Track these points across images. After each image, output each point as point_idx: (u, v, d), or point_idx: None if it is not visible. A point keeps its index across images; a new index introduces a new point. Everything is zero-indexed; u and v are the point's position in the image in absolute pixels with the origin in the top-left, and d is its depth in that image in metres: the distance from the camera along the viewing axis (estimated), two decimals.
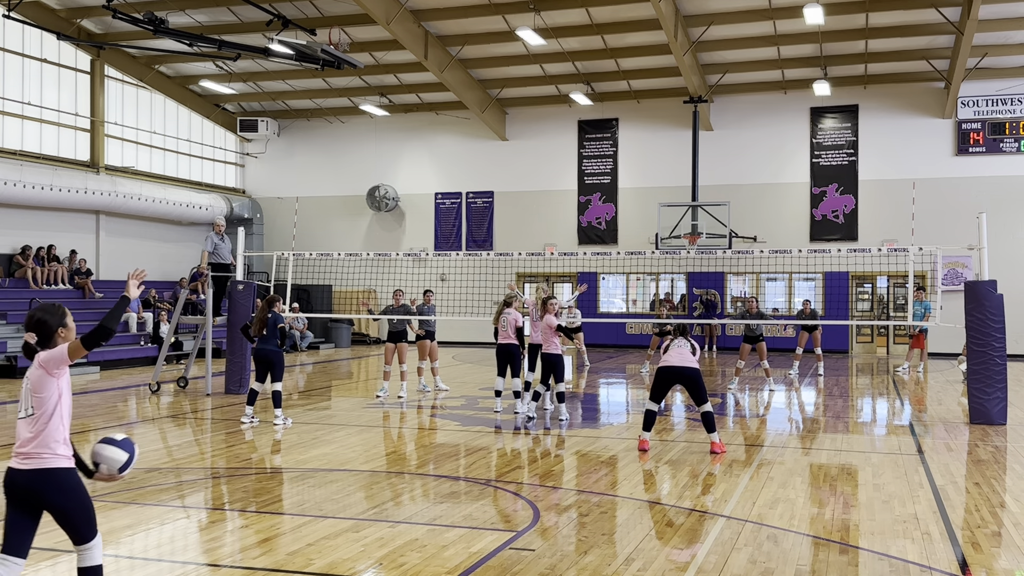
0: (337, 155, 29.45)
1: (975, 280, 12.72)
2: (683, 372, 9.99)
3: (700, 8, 21.07)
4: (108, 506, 7.48)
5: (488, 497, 7.95)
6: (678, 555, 6.21)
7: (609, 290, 26.43)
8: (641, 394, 16.18)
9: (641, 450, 10.04)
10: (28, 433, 4.41)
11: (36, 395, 4.49)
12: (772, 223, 25.25)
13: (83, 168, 23.87)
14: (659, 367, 10.13)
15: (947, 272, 23.56)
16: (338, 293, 27.67)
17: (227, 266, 16.42)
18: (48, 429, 4.43)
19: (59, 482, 4.40)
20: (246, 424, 11.74)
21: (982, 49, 21.98)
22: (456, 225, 28.31)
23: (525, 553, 6.19)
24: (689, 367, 9.99)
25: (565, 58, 23.92)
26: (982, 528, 6.99)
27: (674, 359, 10.05)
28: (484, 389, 16.12)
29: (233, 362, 15.38)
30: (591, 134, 27.22)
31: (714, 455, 9.80)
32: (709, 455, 9.85)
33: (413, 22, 21.95)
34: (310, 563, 6.01)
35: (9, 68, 22.13)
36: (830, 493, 8.14)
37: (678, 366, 9.99)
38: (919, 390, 16.70)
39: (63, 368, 4.61)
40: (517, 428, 11.88)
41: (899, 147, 24.74)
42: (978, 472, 9.20)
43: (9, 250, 21.86)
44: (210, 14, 22.21)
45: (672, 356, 10.09)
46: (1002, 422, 12.15)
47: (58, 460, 4.42)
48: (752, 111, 25.85)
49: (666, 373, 10.03)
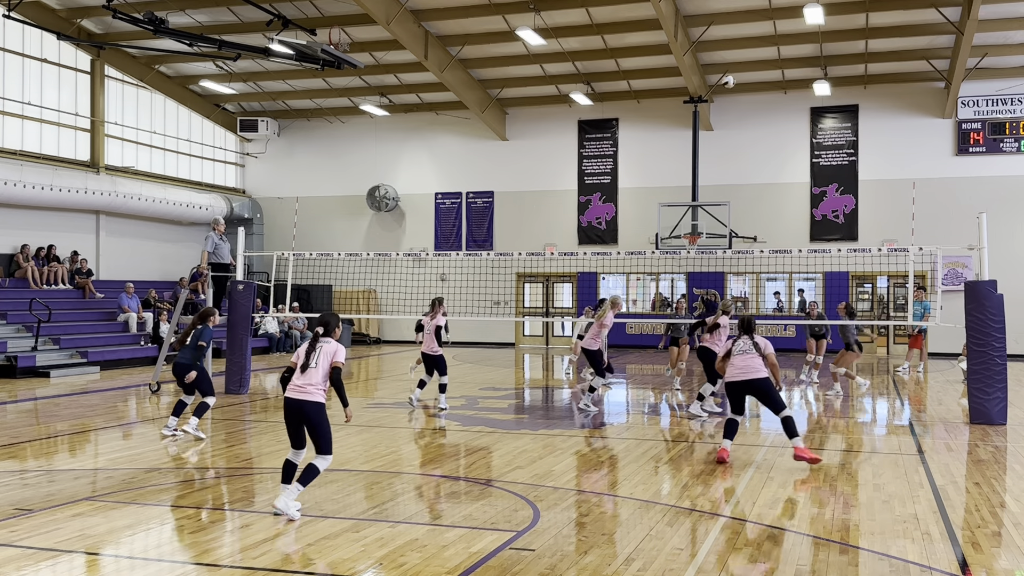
0: (337, 155, 29.46)
1: (975, 280, 12.71)
2: (750, 385, 9.23)
3: (700, 8, 21.07)
4: (108, 506, 7.49)
5: (488, 497, 7.94)
6: (678, 555, 6.21)
7: (609, 290, 26.41)
8: (641, 394, 16.18)
9: (719, 460, 9.30)
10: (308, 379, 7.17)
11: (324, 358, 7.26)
12: (772, 223, 25.24)
13: (83, 168, 23.87)
14: (727, 382, 9.36)
15: (947, 272, 23.56)
16: (338, 293, 27.67)
17: (227, 266, 16.42)
18: (320, 378, 7.21)
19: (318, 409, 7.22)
20: (167, 433, 10.81)
21: (982, 49, 21.99)
22: (456, 225, 28.31)
23: (525, 553, 6.19)
24: (755, 378, 9.19)
25: (565, 58, 23.92)
26: (982, 528, 6.98)
27: (737, 373, 9.26)
28: (484, 389, 16.13)
29: (233, 362, 15.37)
30: (591, 134, 27.22)
31: (800, 460, 9.09)
32: (799, 462, 9.13)
33: (413, 22, 21.95)
34: (310, 563, 6.02)
35: (9, 68, 22.13)
36: (830, 493, 8.13)
37: (740, 380, 9.25)
38: (919, 390, 16.70)
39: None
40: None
41: (899, 147, 24.74)
42: (978, 472, 9.20)
43: (9, 250, 21.86)
44: (210, 14, 22.20)
45: (735, 369, 9.28)
46: (1002, 422, 12.15)
47: (320, 396, 7.22)
48: (752, 111, 25.85)
49: (734, 387, 9.33)
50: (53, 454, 10.06)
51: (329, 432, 7.25)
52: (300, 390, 7.16)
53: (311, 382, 7.16)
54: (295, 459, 7.35)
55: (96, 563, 6.10)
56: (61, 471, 8.96)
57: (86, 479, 8.57)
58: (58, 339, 19.62)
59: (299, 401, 7.16)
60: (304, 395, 7.15)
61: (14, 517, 7.08)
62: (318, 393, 7.18)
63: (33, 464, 9.37)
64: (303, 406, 7.15)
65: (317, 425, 7.18)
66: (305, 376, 7.19)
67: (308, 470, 7.17)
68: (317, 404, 7.17)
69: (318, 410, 7.18)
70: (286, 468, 7.34)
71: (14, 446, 10.34)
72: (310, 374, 7.18)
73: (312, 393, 7.15)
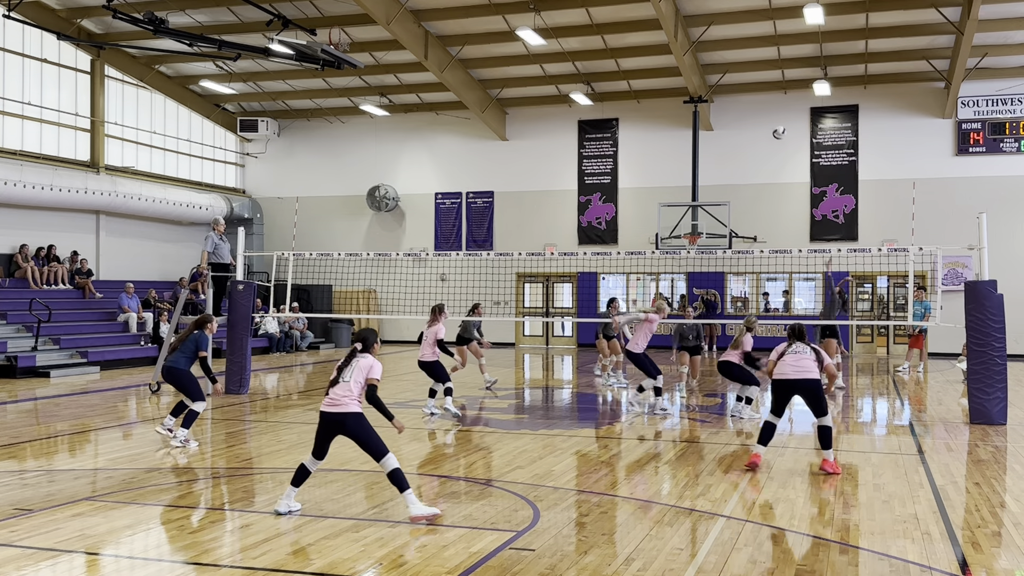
0: (337, 155, 29.46)
1: (975, 280, 12.71)
2: (800, 384, 9.01)
3: (700, 8, 21.07)
4: (108, 506, 7.49)
5: (488, 497, 7.94)
6: (678, 555, 6.21)
7: (609, 290, 26.41)
8: (641, 394, 16.15)
9: (751, 466, 8.99)
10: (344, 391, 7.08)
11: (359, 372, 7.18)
12: (772, 223, 25.24)
13: (83, 168, 23.87)
14: (775, 379, 9.14)
15: (947, 272, 23.56)
16: (338, 293, 27.67)
17: (227, 266, 16.41)
18: (353, 391, 7.10)
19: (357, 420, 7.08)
20: (162, 432, 10.57)
21: (982, 49, 21.99)
22: (456, 225, 28.31)
23: (525, 553, 6.19)
24: (806, 378, 8.99)
25: (565, 58, 23.92)
26: (982, 528, 6.98)
27: (790, 370, 9.05)
28: (484, 389, 16.13)
29: (233, 362, 15.37)
30: (591, 134, 27.23)
31: (827, 475, 8.77)
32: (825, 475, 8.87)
33: (413, 22, 21.95)
34: (310, 563, 6.01)
35: (9, 68, 22.13)
36: (830, 493, 8.13)
37: (793, 378, 9.01)
38: (919, 390, 16.70)
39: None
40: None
41: (899, 147, 24.74)
42: (978, 472, 9.20)
43: (9, 250, 21.86)
44: (210, 14, 22.21)
45: (788, 366, 9.07)
46: (1002, 422, 12.14)
47: (355, 406, 7.08)
48: (752, 111, 25.85)
49: (783, 385, 9.08)
50: (53, 454, 10.06)
51: (376, 436, 7.05)
52: (333, 403, 7.03)
53: (344, 393, 7.03)
54: (311, 467, 7.23)
55: (96, 563, 6.10)
56: (61, 471, 8.96)
57: (86, 479, 8.57)
58: (58, 339, 19.62)
59: (336, 415, 7.01)
60: (338, 408, 7.00)
61: (14, 517, 7.08)
62: (353, 404, 7.01)
63: (33, 464, 9.37)
64: (344, 420, 6.99)
65: (361, 437, 7.01)
66: (337, 389, 7.05)
67: (392, 477, 7.00)
68: (354, 415, 7.00)
69: (356, 421, 7.01)
70: (299, 472, 7.22)
71: (14, 446, 10.34)
72: (342, 387, 7.05)
73: (347, 404, 7.00)
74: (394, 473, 6.99)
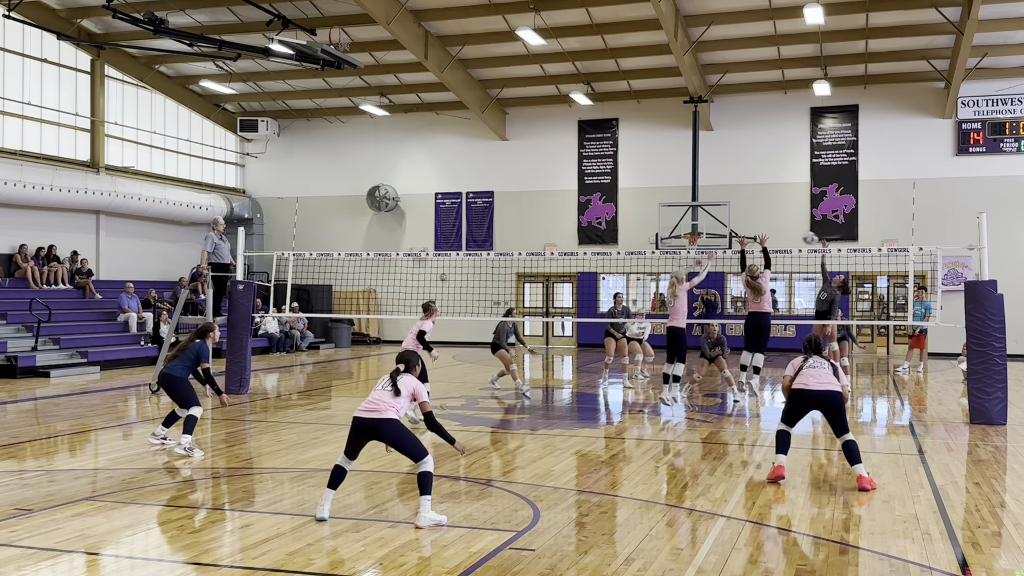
0: (337, 155, 29.46)
1: (975, 280, 12.71)
2: (823, 397, 8.54)
3: (700, 8, 21.07)
4: (108, 506, 7.49)
5: (488, 497, 7.95)
6: (678, 555, 6.21)
7: (609, 290, 26.39)
8: (643, 394, 16.16)
9: (774, 479, 8.53)
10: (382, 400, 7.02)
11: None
12: (772, 223, 25.19)
13: (83, 168, 23.87)
14: (794, 389, 8.71)
15: (947, 272, 23.56)
16: (338, 293, 27.68)
17: (227, 266, 16.41)
18: (390, 397, 7.02)
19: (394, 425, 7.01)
20: (155, 443, 10.25)
21: (982, 49, 21.98)
22: (456, 225, 28.31)
23: (525, 553, 6.19)
24: (830, 390, 8.53)
25: (565, 58, 23.92)
26: (982, 528, 6.99)
27: (811, 381, 8.59)
28: (484, 389, 16.13)
29: (233, 362, 15.37)
30: (591, 134, 27.22)
31: (863, 491, 8.20)
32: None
33: (413, 22, 21.95)
34: (310, 563, 6.01)
35: (9, 68, 22.13)
36: (830, 493, 8.13)
37: (816, 390, 8.54)
38: (919, 390, 16.70)
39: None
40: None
41: (899, 147, 24.74)
42: (978, 472, 9.20)
43: (9, 250, 21.86)
44: (210, 14, 22.21)
45: (810, 379, 8.62)
46: (1002, 422, 12.15)
47: (391, 412, 6.98)
48: (752, 111, 25.85)
49: (802, 396, 8.64)
50: (53, 454, 10.06)
51: (413, 438, 7.01)
52: (367, 409, 6.97)
53: (380, 399, 6.98)
54: (346, 465, 7.13)
55: (96, 563, 6.10)
56: (61, 471, 8.96)
57: (86, 479, 8.57)
58: (58, 339, 19.62)
59: (370, 420, 6.93)
60: (374, 413, 6.93)
61: (14, 517, 7.08)
62: (389, 410, 6.93)
63: (33, 464, 9.37)
64: (377, 425, 6.91)
65: (398, 442, 6.95)
66: (374, 394, 7.03)
67: (421, 478, 6.95)
68: (389, 421, 6.91)
69: (390, 426, 6.91)
70: (335, 473, 7.11)
71: (14, 446, 10.34)
72: (379, 393, 7.02)
73: (383, 410, 6.92)
74: (424, 475, 6.94)
